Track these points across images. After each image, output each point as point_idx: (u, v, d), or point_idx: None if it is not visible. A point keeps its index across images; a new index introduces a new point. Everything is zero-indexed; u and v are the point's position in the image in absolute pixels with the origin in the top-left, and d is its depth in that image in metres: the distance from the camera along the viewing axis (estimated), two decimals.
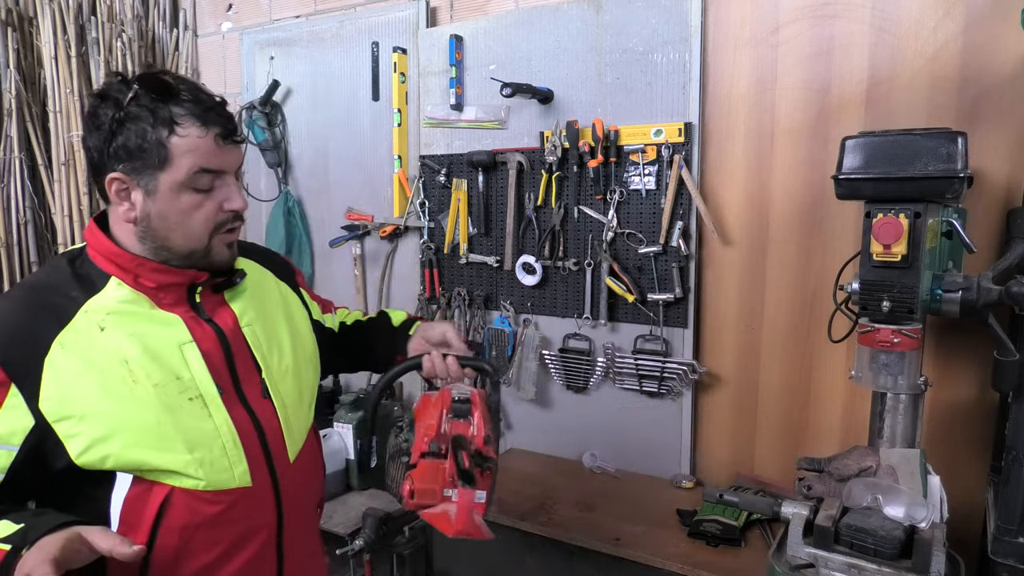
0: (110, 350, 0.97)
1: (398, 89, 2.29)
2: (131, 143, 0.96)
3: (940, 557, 1.14)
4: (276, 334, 1.16)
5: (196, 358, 1.03)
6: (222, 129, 1.00)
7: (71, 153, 2.40)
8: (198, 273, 1.05)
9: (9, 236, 2.45)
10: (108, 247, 1.02)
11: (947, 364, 1.64)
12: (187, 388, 1.01)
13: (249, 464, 1.05)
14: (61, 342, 0.95)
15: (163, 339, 1.01)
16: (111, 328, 0.98)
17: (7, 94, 2.44)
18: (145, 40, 2.66)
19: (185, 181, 0.98)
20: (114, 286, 1.01)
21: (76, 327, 0.97)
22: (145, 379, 0.98)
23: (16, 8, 2.52)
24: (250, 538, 1.07)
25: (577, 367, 2.08)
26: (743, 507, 1.45)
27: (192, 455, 0.99)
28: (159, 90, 0.97)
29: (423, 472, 1.10)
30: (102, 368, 0.96)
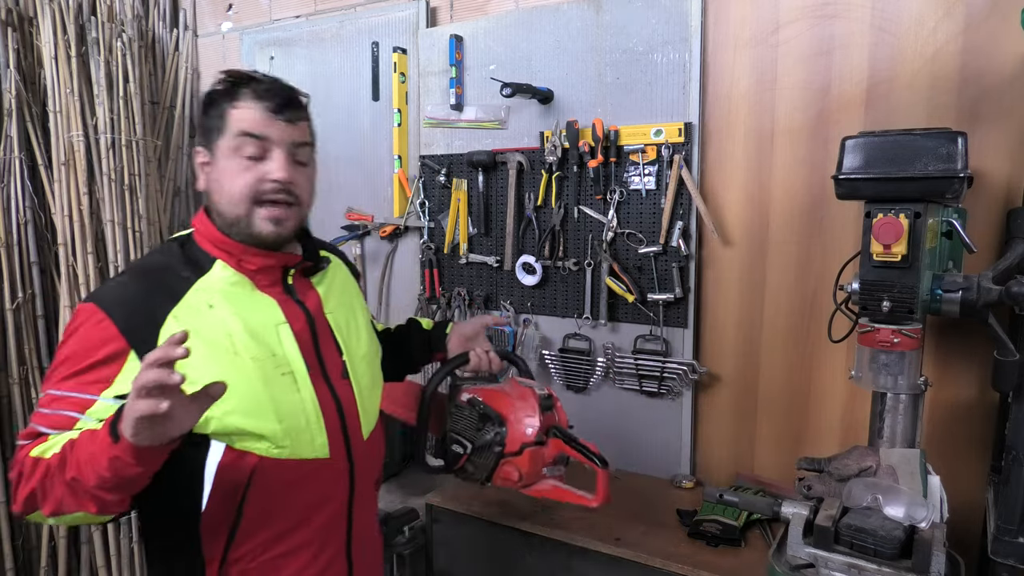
0: (217, 325, 1.08)
1: (398, 89, 2.29)
2: (210, 118, 1.11)
3: (940, 557, 1.14)
4: (354, 322, 1.28)
5: (289, 338, 1.14)
6: (274, 104, 1.10)
7: (71, 153, 2.40)
8: (290, 256, 1.17)
9: (9, 236, 2.45)
10: (216, 234, 1.13)
11: (947, 364, 1.64)
12: (280, 364, 1.12)
13: (328, 437, 1.15)
14: (175, 315, 1.06)
15: (262, 318, 1.12)
16: (218, 306, 1.09)
17: (7, 94, 2.44)
18: (145, 40, 2.66)
19: (232, 145, 1.09)
20: (220, 268, 1.12)
21: (187, 303, 1.08)
22: (245, 353, 1.08)
23: (16, 8, 2.52)
24: (325, 505, 1.17)
25: (577, 367, 2.08)
26: (743, 507, 1.45)
27: (281, 425, 1.09)
28: (238, 77, 1.12)
29: (530, 459, 1.35)
30: (209, 340, 1.06)
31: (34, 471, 1.00)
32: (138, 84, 2.50)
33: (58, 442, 1.01)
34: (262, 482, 1.09)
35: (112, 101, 2.43)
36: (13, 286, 2.45)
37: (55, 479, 0.97)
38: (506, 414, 1.38)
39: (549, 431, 1.38)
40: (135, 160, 2.48)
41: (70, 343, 1.06)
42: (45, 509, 1.00)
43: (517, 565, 1.76)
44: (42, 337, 2.52)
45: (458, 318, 2.26)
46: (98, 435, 0.94)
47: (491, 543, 1.80)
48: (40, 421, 1.04)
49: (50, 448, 1.01)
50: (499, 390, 1.42)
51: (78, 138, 2.39)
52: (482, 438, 1.39)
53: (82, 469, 0.94)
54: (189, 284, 1.10)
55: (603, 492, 1.35)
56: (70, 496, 0.97)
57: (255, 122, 1.09)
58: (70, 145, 2.39)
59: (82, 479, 0.95)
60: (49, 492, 0.98)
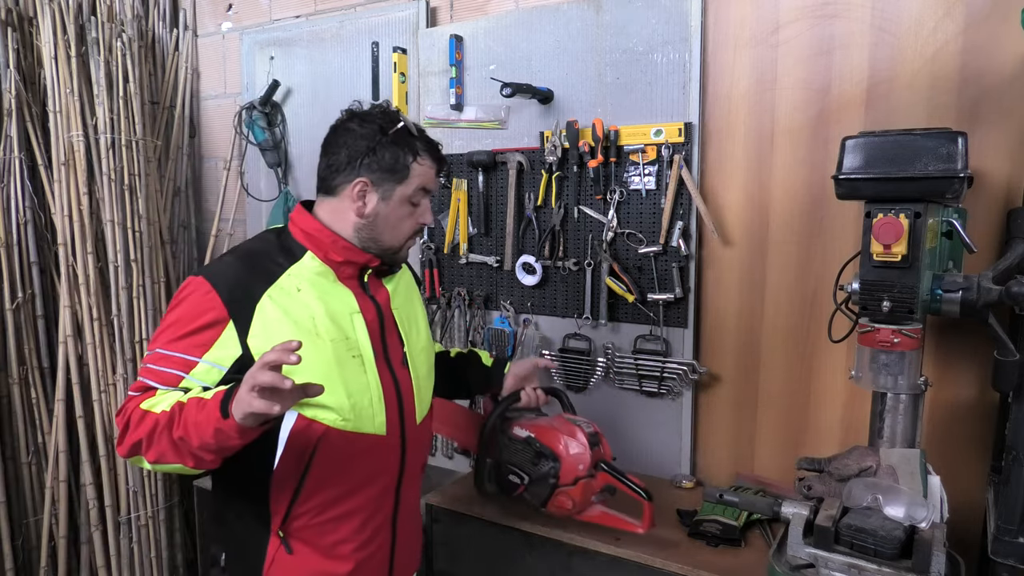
0: (303, 307, 1.24)
1: (398, 89, 2.29)
2: (385, 160, 1.28)
3: (940, 557, 1.14)
4: (415, 319, 1.47)
5: (361, 325, 1.31)
6: (439, 165, 1.36)
7: (71, 153, 2.40)
8: (373, 258, 1.33)
9: (9, 236, 2.45)
10: (315, 225, 1.30)
11: (947, 364, 1.64)
12: (352, 347, 1.28)
13: (387, 416, 1.32)
14: (269, 295, 1.23)
15: (339, 306, 1.29)
16: (305, 290, 1.26)
17: (7, 94, 2.44)
18: (145, 40, 2.66)
19: (410, 195, 1.32)
20: (309, 258, 1.29)
21: (280, 286, 1.24)
22: (325, 334, 1.25)
23: (16, 8, 2.52)
24: (377, 478, 1.33)
25: (577, 367, 2.08)
26: (743, 507, 1.45)
27: (349, 400, 1.25)
28: (413, 129, 1.32)
29: (582, 490, 1.57)
30: (296, 319, 1.23)
31: (141, 422, 1.15)
32: (138, 84, 2.50)
33: (165, 400, 1.16)
34: (326, 449, 1.24)
35: (112, 101, 2.43)
36: (13, 286, 2.45)
37: (162, 434, 1.13)
38: (559, 451, 1.58)
39: (597, 465, 1.58)
40: (135, 160, 2.48)
41: (179, 309, 1.22)
42: (149, 457, 1.16)
43: (517, 565, 1.76)
44: (42, 337, 2.52)
45: (458, 318, 2.26)
46: (207, 406, 1.10)
47: (491, 543, 1.80)
48: (150, 376, 1.20)
49: (157, 404, 1.16)
50: (550, 427, 1.61)
51: (78, 138, 2.39)
52: (538, 471, 1.59)
53: (188, 431, 1.10)
54: (283, 269, 1.26)
55: (649, 521, 1.58)
56: (173, 451, 1.13)
57: (430, 180, 1.34)
58: (70, 145, 2.39)
59: (188, 439, 1.10)
60: (155, 444, 1.14)
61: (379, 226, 1.31)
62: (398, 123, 1.30)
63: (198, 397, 1.14)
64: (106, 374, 2.41)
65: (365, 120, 1.31)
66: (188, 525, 2.65)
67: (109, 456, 2.42)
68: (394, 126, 1.30)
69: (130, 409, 1.18)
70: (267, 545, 1.28)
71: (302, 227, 1.31)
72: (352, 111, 1.35)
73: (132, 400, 1.20)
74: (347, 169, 1.29)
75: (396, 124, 1.30)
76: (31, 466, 2.52)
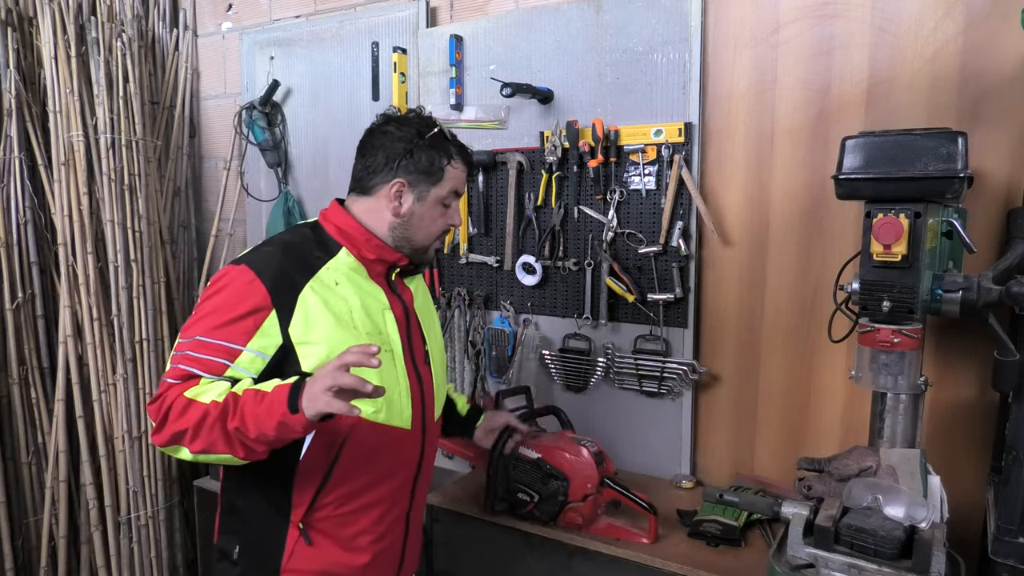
0: (342, 300, 1.28)
1: (398, 89, 2.29)
2: (422, 162, 1.33)
3: (940, 557, 1.14)
4: (432, 319, 1.53)
5: (391, 321, 1.36)
6: (470, 169, 1.43)
7: (71, 153, 2.40)
8: (401, 257, 1.37)
9: (9, 236, 2.45)
10: (350, 222, 1.34)
11: (947, 364, 1.64)
12: (385, 342, 1.33)
13: (412, 411, 1.37)
14: (311, 286, 1.25)
15: (373, 302, 1.34)
16: (343, 284, 1.30)
17: (7, 94, 2.44)
18: (145, 40, 2.66)
19: (444, 197, 1.37)
20: (344, 254, 1.33)
21: (320, 278, 1.28)
22: (361, 327, 1.29)
23: (16, 8, 2.52)
24: (398, 471, 1.38)
25: (577, 367, 2.08)
26: (743, 507, 1.45)
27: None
28: (448, 134, 1.38)
29: (590, 506, 1.65)
30: (336, 312, 1.26)
31: (186, 412, 1.15)
32: (138, 84, 2.50)
33: (212, 389, 1.16)
34: (356, 440, 1.28)
35: (112, 101, 2.43)
36: (13, 286, 2.45)
37: (215, 425, 1.13)
38: (568, 471, 1.65)
39: (603, 482, 1.65)
40: (135, 160, 2.48)
41: (219, 297, 1.22)
42: (194, 447, 1.16)
43: (517, 565, 1.76)
44: (42, 337, 2.52)
45: (458, 318, 2.26)
46: (268, 400, 1.11)
47: (491, 543, 1.80)
48: (192, 364, 1.19)
49: (204, 393, 1.16)
50: (557, 447, 1.68)
51: (78, 138, 2.39)
52: (548, 490, 1.66)
53: (247, 423, 1.11)
54: (322, 263, 1.30)
55: (654, 533, 1.62)
56: (224, 442, 1.14)
57: (462, 183, 1.40)
58: (70, 145, 2.39)
59: (245, 430, 1.12)
60: (203, 434, 1.14)
61: (413, 225, 1.36)
62: (435, 128, 1.36)
63: (254, 389, 1.15)
64: (106, 374, 2.41)
65: (403, 124, 1.35)
66: (188, 525, 2.65)
67: (109, 456, 2.42)
68: (431, 130, 1.35)
69: (171, 397, 1.17)
70: (286, 537, 1.29)
71: (337, 224, 1.35)
72: (388, 115, 1.40)
73: (172, 388, 1.19)
74: (384, 170, 1.33)
75: (433, 128, 1.36)
76: (31, 466, 2.52)
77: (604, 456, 1.70)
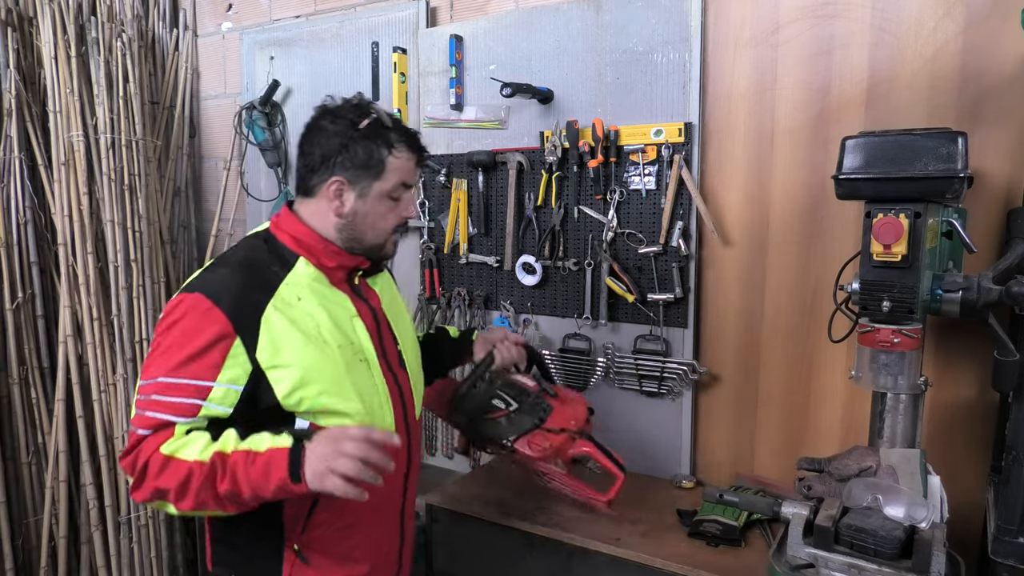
0: (307, 316, 1.21)
1: (398, 89, 2.29)
2: (358, 157, 1.23)
3: (940, 557, 1.14)
4: (402, 316, 1.46)
5: (361, 328, 1.29)
6: (419, 156, 1.30)
7: (71, 153, 2.40)
8: (364, 260, 1.31)
9: (9, 236, 2.45)
10: (303, 230, 1.26)
11: (947, 364, 1.64)
12: (357, 352, 1.27)
13: (394, 416, 1.32)
14: (274, 305, 1.18)
15: (340, 310, 1.27)
16: (305, 299, 1.22)
17: (7, 94, 2.44)
18: (145, 40, 2.66)
19: (390, 190, 1.26)
20: (303, 264, 1.25)
21: (281, 296, 1.20)
22: (332, 341, 1.22)
23: (16, 8, 2.52)
24: (388, 478, 1.24)
25: (577, 367, 2.08)
26: (743, 507, 1.45)
27: (363, 404, 1.24)
28: (387, 121, 1.26)
29: (561, 442, 1.51)
30: (303, 329, 1.19)
31: (165, 469, 1.09)
32: (138, 84, 2.50)
33: (192, 445, 1.10)
34: None
35: (112, 101, 2.43)
36: (13, 286, 2.45)
37: (202, 487, 1.08)
38: (559, 400, 1.57)
39: (583, 433, 1.55)
40: (135, 160, 2.48)
41: (177, 329, 1.14)
42: (181, 506, 1.10)
43: (517, 565, 1.76)
44: (42, 337, 2.52)
45: (458, 318, 2.26)
46: (261, 461, 1.08)
47: (491, 543, 1.80)
48: (162, 409, 1.12)
49: (183, 448, 1.10)
50: (562, 388, 1.62)
51: (78, 138, 2.39)
52: (528, 404, 1.53)
53: (239, 485, 1.08)
54: (280, 278, 1.22)
55: (615, 494, 1.51)
56: (214, 502, 1.10)
57: (409, 173, 1.29)
58: (70, 145, 2.39)
59: (239, 492, 1.08)
60: (190, 495, 1.08)
61: (359, 225, 1.27)
62: (369, 116, 1.24)
63: (244, 449, 1.10)
64: (106, 374, 2.41)
65: (336, 116, 1.25)
66: (188, 525, 2.65)
67: (109, 456, 2.42)
68: (365, 119, 1.23)
69: (147, 453, 1.10)
70: (282, 561, 1.25)
71: (292, 232, 1.27)
72: (325, 107, 1.28)
73: (146, 442, 1.11)
74: (321, 169, 1.24)
75: (367, 117, 1.24)
76: (31, 466, 2.52)
77: (593, 415, 1.62)
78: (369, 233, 1.28)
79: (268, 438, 1.11)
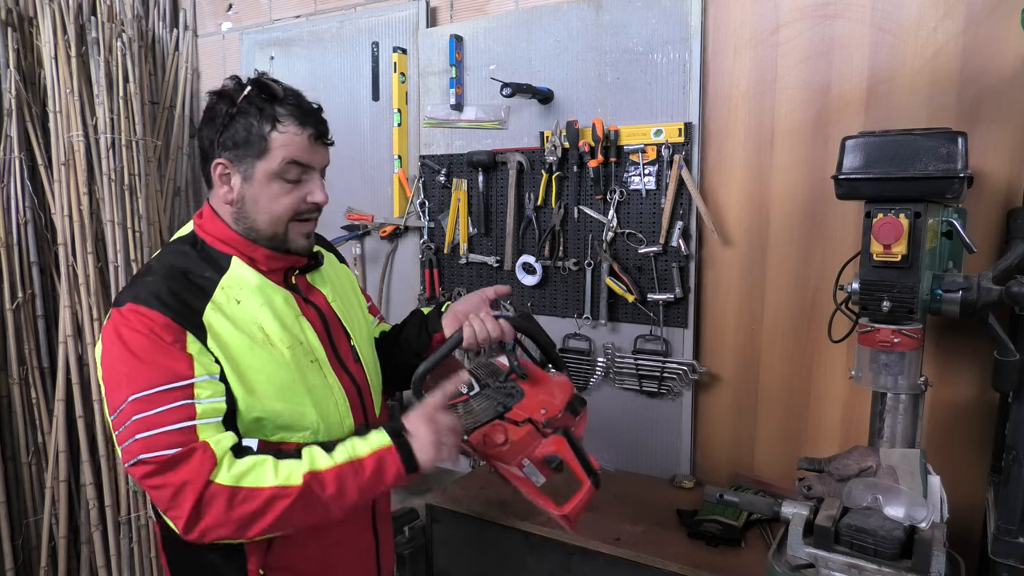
0: (249, 319, 1.12)
1: (398, 89, 2.29)
2: (238, 135, 1.10)
3: (940, 557, 1.14)
4: (353, 308, 1.34)
5: (309, 328, 1.20)
6: (315, 130, 1.15)
7: (71, 153, 2.40)
8: (296, 259, 1.20)
9: (9, 236, 2.45)
10: (228, 234, 1.16)
11: (947, 364, 1.64)
12: (308, 352, 1.18)
13: (353, 417, 1.22)
14: (211, 308, 1.09)
15: (285, 310, 1.17)
16: (245, 301, 1.13)
17: (7, 94, 2.44)
18: (145, 40, 2.66)
19: (278, 171, 1.12)
20: (238, 264, 1.15)
21: (217, 301, 1.11)
22: (280, 343, 1.13)
23: (16, 8, 2.52)
24: None
25: (577, 367, 2.08)
26: (743, 507, 1.44)
27: (316, 409, 1.15)
28: (268, 92, 1.11)
29: (525, 435, 1.17)
30: (247, 332, 1.11)
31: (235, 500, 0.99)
32: (138, 84, 2.50)
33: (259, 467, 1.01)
34: None
35: (112, 101, 2.43)
36: (13, 286, 2.45)
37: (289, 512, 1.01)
38: (531, 381, 1.24)
39: (559, 429, 1.21)
40: (135, 160, 2.48)
41: (122, 344, 1.03)
42: (271, 532, 1.03)
43: (517, 565, 1.76)
44: (42, 337, 2.52)
45: None
46: (370, 468, 1.04)
47: (491, 543, 1.80)
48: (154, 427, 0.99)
49: (248, 477, 1.00)
50: (541, 370, 1.30)
51: (78, 138, 2.39)
52: (495, 387, 1.23)
53: (347, 496, 1.04)
54: (214, 283, 1.12)
55: (577, 507, 1.18)
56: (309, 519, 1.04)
57: (301, 149, 1.13)
58: (70, 145, 2.39)
59: (347, 501, 1.04)
60: (266, 519, 1.01)
61: (249, 211, 1.14)
62: (247, 88, 1.11)
63: (347, 460, 1.04)
64: None
65: (220, 94, 1.13)
66: None
67: (109, 456, 2.41)
68: (242, 93, 1.11)
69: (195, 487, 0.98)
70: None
71: (213, 232, 1.17)
72: (215, 89, 1.16)
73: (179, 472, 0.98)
74: (208, 152, 1.14)
75: (244, 90, 1.11)
76: (31, 466, 2.52)
77: (583, 412, 1.30)
78: (262, 220, 1.14)
79: (361, 442, 1.07)
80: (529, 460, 1.18)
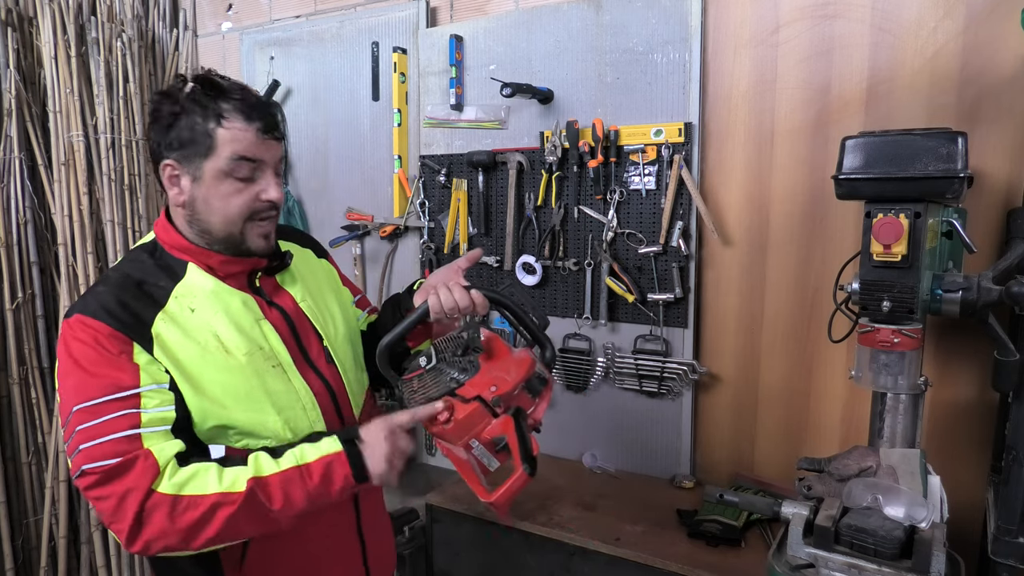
0: (203, 327, 1.09)
1: (398, 89, 2.29)
2: (183, 134, 1.06)
3: (940, 557, 1.14)
4: (328, 307, 1.29)
5: (271, 331, 1.16)
6: (263, 124, 1.09)
7: (71, 153, 2.40)
8: (257, 261, 1.16)
9: (9, 236, 2.45)
10: (181, 243, 1.13)
11: (947, 364, 1.64)
12: (269, 357, 1.14)
13: (325, 421, 1.18)
14: (162, 318, 1.07)
15: (244, 314, 1.14)
16: (200, 309, 1.10)
17: (7, 94, 2.44)
18: (145, 40, 2.66)
19: (226, 168, 1.07)
20: (193, 271, 1.12)
21: (170, 310, 1.08)
22: (236, 350, 1.10)
23: (16, 8, 2.52)
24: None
25: (577, 367, 2.08)
26: (743, 507, 1.45)
27: (280, 416, 1.11)
28: (211, 87, 1.07)
29: (471, 414, 1.08)
30: (199, 341, 1.08)
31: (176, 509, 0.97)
32: (138, 84, 2.50)
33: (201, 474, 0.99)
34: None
35: (112, 101, 2.43)
36: (13, 286, 2.45)
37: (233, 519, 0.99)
38: (486, 355, 1.15)
39: (511, 409, 1.12)
40: (135, 160, 2.48)
41: (71, 357, 1.02)
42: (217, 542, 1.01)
43: (517, 565, 1.76)
44: (42, 337, 2.52)
45: None
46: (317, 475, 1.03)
47: (491, 543, 1.80)
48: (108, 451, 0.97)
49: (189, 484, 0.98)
50: (507, 345, 1.19)
51: (78, 138, 2.39)
52: (448, 360, 1.16)
53: (295, 504, 1.02)
54: (168, 292, 1.10)
55: (506, 495, 1.09)
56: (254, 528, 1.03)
57: (249, 144, 1.08)
58: (70, 145, 2.39)
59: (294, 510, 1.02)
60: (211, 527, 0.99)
61: (201, 212, 1.10)
62: (190, 85, 1.07)
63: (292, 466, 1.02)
64: None
65: (165, 94, 1.09)
66: None
67: None
68: (184, 90, 1.07)
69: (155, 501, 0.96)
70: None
71: (169, 241, 1.14)
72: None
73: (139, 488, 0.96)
74: (156, 156, 1.10)
75: (186, 87, 1.07)
76: (31, 466, 2.52)
77: (544, 393, 1.19)
78: (215, 221, 1.10)
79: (311, 448, 1.05)
80: (478, 441, 1.10)
